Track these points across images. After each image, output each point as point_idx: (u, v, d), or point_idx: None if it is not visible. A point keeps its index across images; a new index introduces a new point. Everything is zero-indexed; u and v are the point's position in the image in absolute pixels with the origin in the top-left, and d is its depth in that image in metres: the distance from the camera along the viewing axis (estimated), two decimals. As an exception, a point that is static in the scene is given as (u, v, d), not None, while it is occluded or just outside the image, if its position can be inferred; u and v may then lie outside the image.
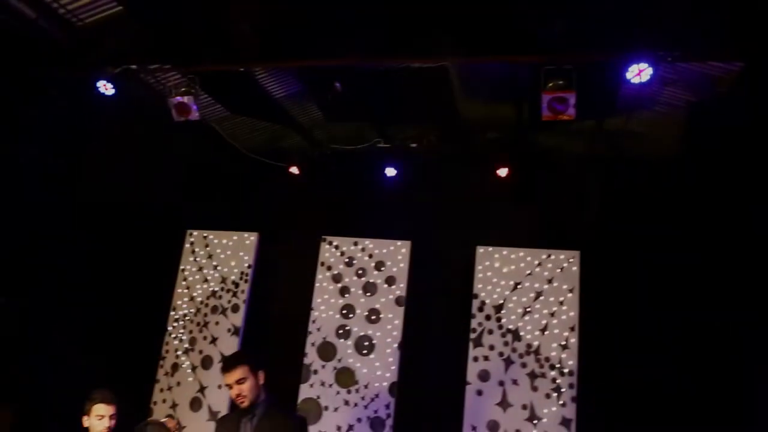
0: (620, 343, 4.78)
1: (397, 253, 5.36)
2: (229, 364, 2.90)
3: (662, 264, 4.86)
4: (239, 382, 2.83)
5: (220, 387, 5.38)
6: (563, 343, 4.81)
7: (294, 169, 5.91)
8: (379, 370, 5.12)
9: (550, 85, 4.14)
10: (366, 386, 5.11)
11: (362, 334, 5.23)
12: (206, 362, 5.57)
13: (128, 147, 6.59)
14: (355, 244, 5.50)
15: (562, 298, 4.91)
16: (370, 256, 5.43)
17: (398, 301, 5.25)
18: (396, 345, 5.14)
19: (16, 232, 5.89)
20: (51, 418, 4.62)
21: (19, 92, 5.90)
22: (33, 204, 5.99)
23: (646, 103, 5.24)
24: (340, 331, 5.28)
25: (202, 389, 5.52)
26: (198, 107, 4.99)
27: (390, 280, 5.31)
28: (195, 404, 5.49)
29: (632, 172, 5.45)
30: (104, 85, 5.06)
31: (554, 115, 4.21)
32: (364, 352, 5.18)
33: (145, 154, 6.66)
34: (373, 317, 5.26)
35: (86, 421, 3.35)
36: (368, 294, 5.33)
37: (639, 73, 3.83)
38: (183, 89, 5.01)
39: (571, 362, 4.75)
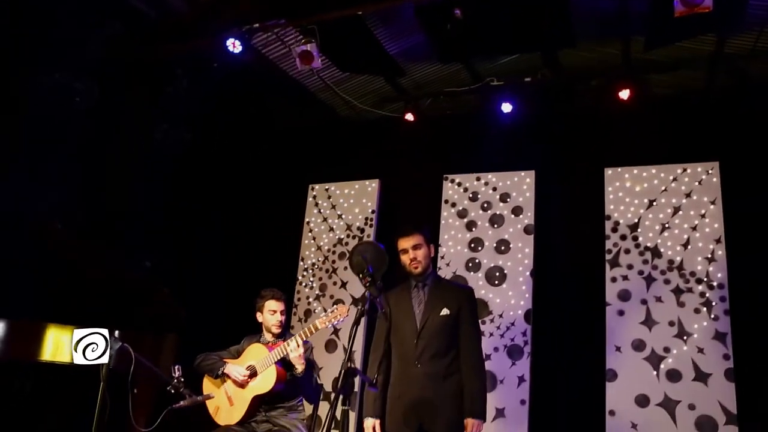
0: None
1: (521, 184, 5.35)
2: (407, 230, 2.97)
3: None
4: (415, 247, 2.91)
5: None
6: (708, 256, 4.62)
7: (409, 116, 6.05)
8: (513, 299, 5.10)
9: (682, -22, 4.02)
10: (501, 315, 5.11)
11: (492, 265, 5.24)
12: (338, 306, 5.77)
13: (249, 115, 7.01)
14: (478, 179, 5.54)
15: (703, 211, 4.71)
16: (494, 189, 5.44)
17: (527, 230, 5.22)
18: (528, 273, 5.11)
19: (157, 201, 6.38)
20: (203, 345, 4.99)
21: (150, 73, 6.42)
22: (170, 175, 6.48)
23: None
24: (470, 264, 5.31)
25: (335, 332, 5.71)
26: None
27: (516, 210, 5.30)
28: (330, 346, 5.69)
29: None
30: (233, 43, 5.37)
31: (689, 8, 4.07)
32: (496, 282, 5.19)
33: (263, 120, 7.06)
34: (503, 248, 5.27)
35: (260, 317, 3.58)
36: (495, 226, 5.34)
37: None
38: (304, 39, 5.27)
39: (720, 275, 4.54)
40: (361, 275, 2.26)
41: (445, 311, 2.83)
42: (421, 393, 2.73)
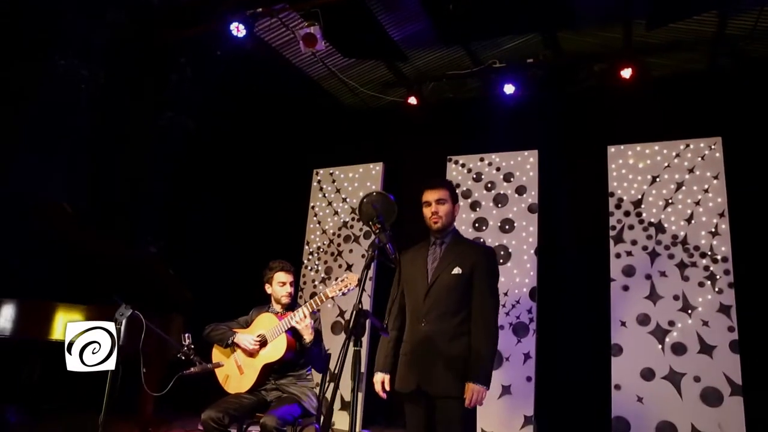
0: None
1: (524, 163, 5.37)
2: (434, 182, 2.85)
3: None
4: (439, 201, 2.79)
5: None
6: (712, 230, 4.64)
7: (412, 100, 6.09)
8: (518, 277, 5.13)
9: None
10: (506, 294, 5.14)
11: (497, 244, 5.27)
12: (344, 288, 5.81)
13: (252, 103, 7.06)
14: (481, 159, 5.57)
15: (706, 186, 4.73)
16: (498, 169, 5.47)
17: (531, 209, 5.25)
18: (532, 251, 5.14)
19: (163, 187, 6.43)
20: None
21: (154, 61, 6.48)
22: (175, 162, 6.54)
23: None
24: (474, 244, 5.34)
25: (341, 313, 5.74)
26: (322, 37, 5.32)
27: (520, 190, 5.33)
28: (336, 327, 5.72)
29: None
30: (236, 27, 5.41)
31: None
32: (501, 261, 5.21)
33: (267, 108, 7.10)
34: (507, 227, 5.30)
35: (269, 289, 3.60)
36: (499, 205, 5.37)
37: None
38: (307, 23, 5.32)
39: (723, 248, 4.56)
40: (370, 222, 2.28)
41: (457, 270, 2.68)
42: (423, 352, 2.63)
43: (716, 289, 4.52)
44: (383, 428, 5.41)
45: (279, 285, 3.53)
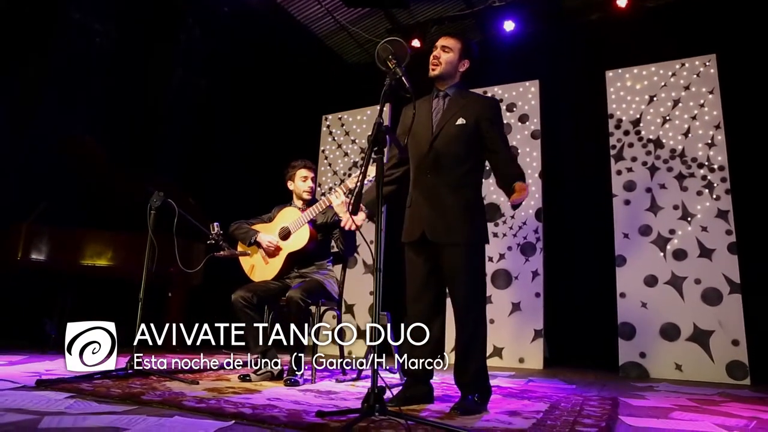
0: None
1: (526, 93, 5.58)
2: (451, 33, 2.78)
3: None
4: (444, 48, 2.72)
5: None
6: (709, 141, 4.84)
7: (415, 42, 6.30)
8: (524, 200, 5.32)
9: None
10: (513, 216, 5.35)
11: (502, 170, 5.46)
12: (356, 224, 6.03)
13: (258, 60, 7.27)
14: (485, 93, 5.77)
15: (702, 101, 4.93)
16: (501, 100, 5.67)
17: (533, 135, 5.45)
18: (537, 174, 5.34)
19: (179, 138, 6.64)
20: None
21: (163, 20, 6.69)
22: (189, 115, 6.74)
23: None
24: (481, 172, 5.54)
25: (355, 248, 5.95)
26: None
27: (523, 118, 5.53)
28: (350, 262, 5.92)
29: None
30: (246, -27, 5.61)
31: None
32: (506, 186, 5.41)
33: (272, 63, 7.31)
34: (511, 153, 5.51)
35: (291, 185, 3.81)
36: (503, 134, 5.58)
37: None
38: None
39: (720, 158, 4.76)
40: (387, 61, 2.48)
41: (461, 120, 2.63)
42: (428, 202, 2.61)
43: (714, 196, 4.72)
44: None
45: (302, 180, 3.74)
